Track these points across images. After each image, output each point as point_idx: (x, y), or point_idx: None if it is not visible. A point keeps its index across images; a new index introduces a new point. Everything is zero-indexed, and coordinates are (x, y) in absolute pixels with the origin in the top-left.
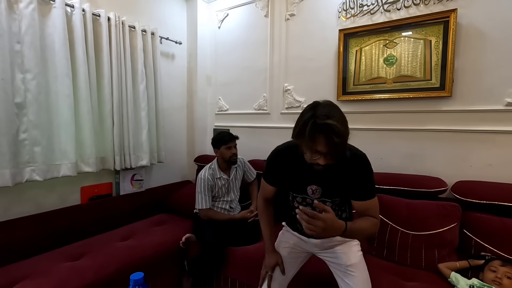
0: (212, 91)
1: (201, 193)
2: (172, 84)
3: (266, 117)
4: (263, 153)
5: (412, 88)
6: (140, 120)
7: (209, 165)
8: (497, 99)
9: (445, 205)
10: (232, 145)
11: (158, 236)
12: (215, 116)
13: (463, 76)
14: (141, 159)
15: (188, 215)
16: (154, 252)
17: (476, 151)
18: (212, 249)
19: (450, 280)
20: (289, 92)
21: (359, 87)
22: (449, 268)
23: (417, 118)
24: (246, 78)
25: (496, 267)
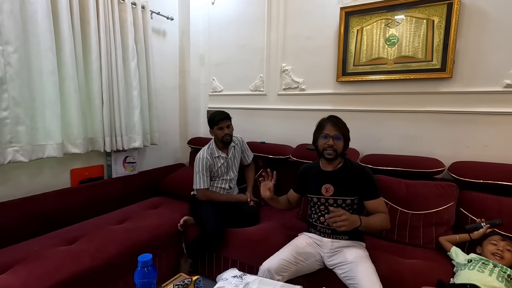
0: (206, 71)
1: (199, 173)
2: (163, 63)
3: (263, 99)
4: (259, 135)
5: (412, 69)
6: (132, 100)
7: (207, 145)
8: (497, 80)
9: (443, 185)
10: (223, 126)
11: (154, 219)
12: (208, 98)
13: (464, 57)
14: (134, 141)
15: (184, 197)
16: (151, 235)
17: (472, 132)
18: (211, 231)
19: (449, 254)
20: (287, 72)
21: (359, 67)
22: (450, 241)
23: (416, 100)
24: (241, 57)
25: (497, 241)
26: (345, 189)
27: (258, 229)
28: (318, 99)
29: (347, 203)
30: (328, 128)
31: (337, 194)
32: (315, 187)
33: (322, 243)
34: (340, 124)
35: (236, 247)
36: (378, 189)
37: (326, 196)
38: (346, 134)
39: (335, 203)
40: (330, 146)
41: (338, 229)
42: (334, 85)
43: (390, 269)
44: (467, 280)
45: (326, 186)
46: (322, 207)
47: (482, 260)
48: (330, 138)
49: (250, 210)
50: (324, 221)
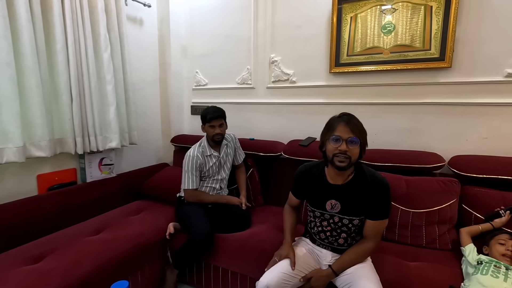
0: (189, 64)
1: (188, 172)
2: (141, 55)
3: (251, 92)
4: (247, 131)
5: (410, 59)
6: (106, 95)
7: (199, 142)
8: (497, 70)
9: (445, 181)
10: (215, 124)
11: (136, 226)
12: (192, 92)
13: (463, 46)
14: (110, 141)
15: (169, 200)
16: (133, 245)
17: (472, 124)
18: (200, 237)
19: (462, 249)
20: (276, 64)
21: (353, 58)
22: (471, 233)
23: (414, 91)
24: (227, 48)
25: (505, 240)
26: (355, 207)
27: (251, 233)
28: (310, 91)
29: (354, 223)
30: (341, 129)
31: (345, 212)
32: (317, 200)
33: (321, 254)
34: (356, 124)
35: (227, 254)
36: (389, 210)
37: (331, 213)
38: (364, 137)
39: (340, 222)
40: (342, 152)
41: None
42: (327, 77)
43: (395, 275)
44: (479, 285)
45: (332, 202)
46: (324, 222)
47: (493, 262)
48: (343, 141)
49: (242, 213)
50: (325, 238)
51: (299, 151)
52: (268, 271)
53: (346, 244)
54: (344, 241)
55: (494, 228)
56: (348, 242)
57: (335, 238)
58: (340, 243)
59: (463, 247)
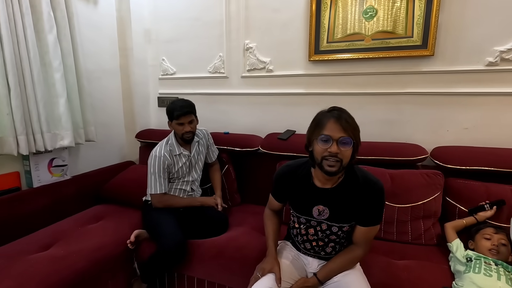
0: (153, 50)
1: (154, 175)
2: (97, 39)
3: (224, 82)
4: (221, 125)
5: (392, 46)
6: (54, 85)
7: (166, 139)
8: (479, 58)
9: (429, 174)
10: (184, 122)
11: (95, 237)
12: (159, 82)
13: (446, 33)
14: (61, 138)
15: (134, 204)
16: (90, 261)
17: (453, 115)
18: (171, 245)
19: (449, 245)
20: (251, 51)
21: (333, 45)
22: (456, 227)
23: (396, 81)
24: (196, 33)
25: (491, 235)
26: (346, 213)
27: (229, 238)
28: (288, 81)
29: (344, 230)
30: (331, 127)
31: (334, 219)
32: (303, 206)
33: (307, 262)
34: (348, 121)
35: (202, 263)
36: (381, 216)
37: (319, 220)
38: (357, 136)
39: (328, 230)
40: (333, 155)
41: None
42: (306, 65)
43: (385, 277)
44: (474, 286)
45: (319, 208)
46: (311, 230)
47: (484, 259)
48: (334, 142)
49: (218, 216)
50: (311, 248)
51: (278, 145)
52: (254, 286)
53: (334, 252)
54: (332, 249)
55: (478, 221)
56: (337, 250)
57: (322, 248)
58: (328, 251)
59: (449, 243)
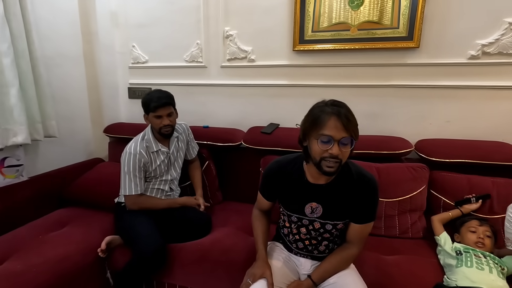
0: (122, 35)
1: (129, 174)
2: (55, 20)
3: (202, 72)
4: (200, 118)
5: (377, 37)
6: (3, 72)
7: (141, 135)
8: (462, 51)
9: (414, 167)
10: (162, 114)
11: (59, 247)
12: (129, 71)
13: (431, 25)
14: (14, 134)
15: (104, 207)
16: (55, 274)
17: (436, 108)
18: (149, 251)
19: (437, 239)
20: (232, 39)
21: (318, 34)
22: (442, 220)
23: (381, 73)
24: (170, 18)
25: (476, 227)
26: (339, 210)
27: (212, 240)
28: (271, 72)
29: (338, 227)
30: (332, 126)
31: (327, 217)
32: (295, 203)
33: (299, 263)
34: (349, 118)
35: (185, 269)
36: (375, 212)
37: (311, 218)
38: (357, 133)
39: (322, 228)
40: (334, 156)
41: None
42: (290, 55)
43: (377, 275)
44: (468, 280)
45: (312, 205)
46: (303, 229)
47: (473, 251)
48: (335, 143)
49: (200, 217)
50: (304, 247)
51: (262, 139)
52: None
53: (327, 250)
54: (326, 248)
55: (463, 214)
56: (330, 248)
57: (315, 246)
58: (321, 250)
59: (437, 236)
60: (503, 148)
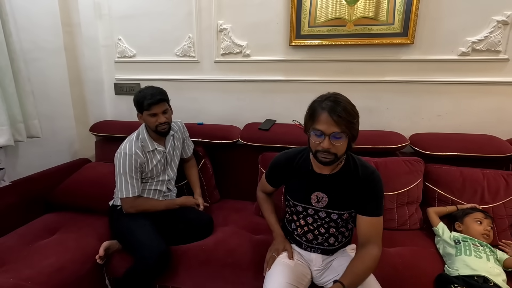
0: (106, 28)
1: (125, 175)
2: (33, 10)
3: (195, 67)
4: (194, 114)
5: (373, 33)
6: None
7: (135, 134)
8: (453, 48)
9: (411, 161)
10: (158, 112)
11: (52, 256)
12: (115, 65)
13: (424, 21)
14: None
15: (97, 210)
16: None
17: (428, 102)
18: (153, 257)
19: (435, 229)
20: (226, 32)
21: (315, 29)
22: (438, 213)
23: (376, 68)
24: (159, 9)
25: (481, 219)
26: (343, 200)
27: (216, 241)
28: (267, 67)
29: (343, 217)
30: (323, 121)
31: (332, 206)
32: (301, 192)
33: (310, 258)
34: (341, 115)
35: (189, 272)
36: (382, 205)
37: (317, 208)
38: (352, 128)
39: (327, 217)
40: (325, 150)
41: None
42: (286, 50)
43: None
44: (468, 268)
45: (318, 194)
46: (309, 218)
47: (472, 241)
48: (326, 137)
49: (201, 217)
50: (313, 239)
51: (260, 136)
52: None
53: (337, 243)
54: (335, 239)
55: (458, 209)
56: (339, 241)
57: (324, 237)
58: (331, 242)
59: (435, 227)
60: (492, 141)
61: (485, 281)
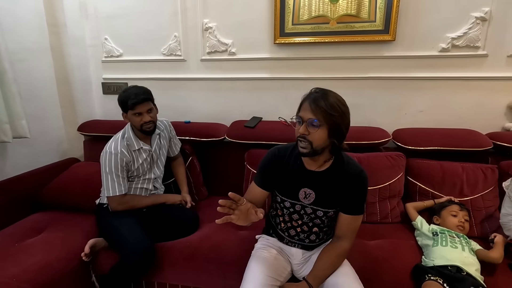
0: (93, 27)
1: (111, 174)
2: (17, 10)
3: (181, 65)
4: (181, 113)
5: (356, 31)
6: None
7: (121, 133)
8: (433, 44)
9: (392, 155)
10: (142, 111)
11: (38, 254)
12: (102, 65)
13: (405, 18)
14: None
15: (84, 209)
16: (36, 285)
17: (410, 98)
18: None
19: (414, 224)
20: (211, 31)
21: (298, 27)
22: (416, 208)
23: (359, 65)
24: (145, 8)
25: (457, 212)
26: (330, 198)
27: (201, 237)
28: (252, 65)
29: (329, 215)
30: (303, 109)
31: (319, 203)
32: (290, 187)
33: (291, 252)
34: (319, 105)
35: (174, 267)
36: (364, 204)
37: (304, 203)
38: (333, 120)
39: (313, 214)
40: (302, 136)
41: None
42: (271, 48)
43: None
44: (443, 259)
45: (306, 190)
46: (295, 215)
47: (449, 233)
48: (304, 123)
49: (187, 215)
50: (295, 234)
51: (246, 133)
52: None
53: (318, 240)
54: (316, 236)
55: (435, 203)
56: (320, 238)
57: (306, 235)
58: (312, 239)
59: (414, 222)
60: (471, 135)
61: (458, 270)
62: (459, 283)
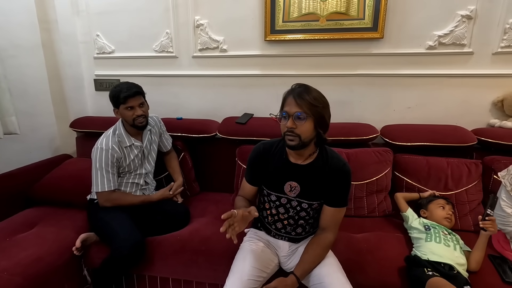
0: (84, 24)
1: (101, 170)
2: (7, 6)
3: (173, 62)
4: (173, 109)
5: (345, 28)
6: None
7: (112, 129)
8: (420, 41)
9: (380, 151)
10: (134, 104)
11: (30, 248)
12: (94, 61)
13: (393, 16)
14: None
15: (76, 204)
16: (28, 277)
17: (398, 95)
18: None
19: (404, 215)
20: (203, 28)
21: (289, 24)
22: (406, 198)
23: (348, 62)
24: (136, 5)
25: (443, 205)
26: (314, 191)
27: (191, 231)
28: (244, 62)
29: (313, 207)
30: (288, 103)
31: (304, 196)
32: (276, 181)
33: (278, 245)
34: (304, 98)
35: (165, 261)
36: (347, 197)
37: (289, 197)
38: (318, 112)
39: (298, 206)
40: (290, 130)
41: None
42: (262, 45)
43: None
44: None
45: (292, 184)
46: (281, 208)
47: (440, 228)
48: (290, 118)
49: (178, 209)
50: (282, 227)
51: (237, 129)
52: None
53: (304, 232)
54: (302, 229)
55: (421, 197)
56: (306, 230)
57: (292, 227)
58: (298, 232)
59: (404, 213)
60: (457, 131)
61: (450, 269)
62: (453, 280)
